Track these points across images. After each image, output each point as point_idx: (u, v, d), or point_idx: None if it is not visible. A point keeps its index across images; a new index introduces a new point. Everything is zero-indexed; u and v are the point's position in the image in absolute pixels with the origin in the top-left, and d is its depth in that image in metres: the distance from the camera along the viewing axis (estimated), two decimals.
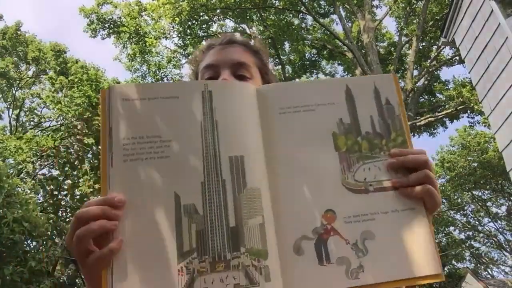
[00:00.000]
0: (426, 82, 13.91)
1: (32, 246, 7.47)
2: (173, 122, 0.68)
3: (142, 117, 0.68)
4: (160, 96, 0.69)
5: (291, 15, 13.67)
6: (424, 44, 14.18)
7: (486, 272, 20.86)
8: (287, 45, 15.01)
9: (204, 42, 1.13)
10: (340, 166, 0.71)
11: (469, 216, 19.91)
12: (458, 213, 19.78)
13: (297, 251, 0.65)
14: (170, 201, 0.64)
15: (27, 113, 14.77)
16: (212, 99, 0.70)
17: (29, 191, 10.06)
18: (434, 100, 14.68)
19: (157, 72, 14.17)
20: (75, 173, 12.55)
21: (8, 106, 14.79)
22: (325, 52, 14.88)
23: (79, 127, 12.07)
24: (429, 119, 13.12)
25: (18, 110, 14.66)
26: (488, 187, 17.56)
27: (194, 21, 13.04)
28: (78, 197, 12.33)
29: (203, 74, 0.97)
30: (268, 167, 0.69)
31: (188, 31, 13.20)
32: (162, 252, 0.61)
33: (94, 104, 11.81)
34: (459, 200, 19.16)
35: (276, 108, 0.73)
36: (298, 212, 0.67)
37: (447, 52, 14.16)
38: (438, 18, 13.07)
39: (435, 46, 13.95)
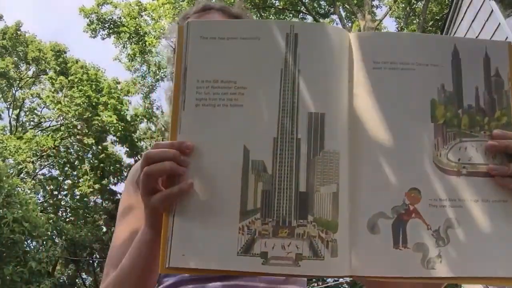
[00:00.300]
0: None
1: (32, 246, 7.48)
2: (251, 67, 0.62)
3: (219, 58, 0.62)
4: (240, 36, 0.63)
5: (291, 15, 13.67)
6: None
7: None
8: None
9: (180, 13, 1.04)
10: (434, 141, 0.62)
11: None
12: None
13: (372, 228, 0.59)
14: (238, 155, 0.59)
15: (27, 113, 14.76)
16: (297, 44, 0.62)
17: (29, 191, 10.07)
18: None
19: (157, 72, 14.18)
20: (75, 173, 12.55)
21: (8, 106, 14.79)
22: None
23: (79, 127, 12.07)
24: None
25: (18, 110, 14.66)
26: None
27: None
28: (78, 197, 12.33)
29: None
30: (350, 130, 0.61)
31: None
32: (224, 206, 0.58)
33: (94, 104, 11.81)
34: None
35: (370, 61, 0.64)
36: (378, 185, 0.61)
37: None
38: (438, 18, 13.07)
39: None
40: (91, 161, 12.25)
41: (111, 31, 14.10)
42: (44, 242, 7.50)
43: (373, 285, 0.74)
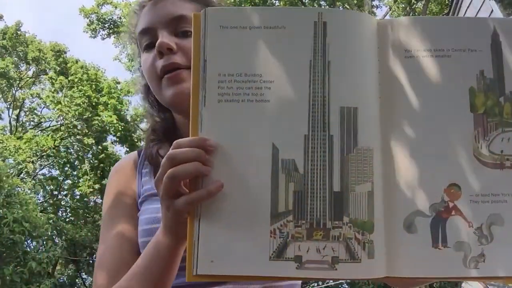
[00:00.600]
0: None
1: (32, 247, 7.48)
2: (277, 59, 0.58)
3: (241, 49, 0.58)
4: (264, 25, 0.58)
5: None
6: None
7: None
8: None
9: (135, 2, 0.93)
10: (474, 132, 0.58)
11: None
12: None
13: (408, 227, 0.56)
14: (266, 154, 0.56)
15: (27, 113, 14.77)
16: (326, 33, 0.58)
17: (29, 191, 10.06)
18: None
19: None
20: (75, 173, 12.56)
21: (8, 106, 14.79)
22: None
23: (79, 127, 12.08)
24: None
25: (18, 110, 14.66)
26: None
27: None
28: (78, 197, 12.34)
29: (141, 42, 0.82)
30: (383, 124, 0.58)
31: None
32: (253, 208, 0.55)
33: (94, 104, 11.82)
34: None
35: (401, 49, 0.60)
36: (415, 182, 0.57)
37: None
38: None
39: None
40: (91, 161, 12.25)
41: (111, 31, 14.09)
42: (44, 242, 7.51)
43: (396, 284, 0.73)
